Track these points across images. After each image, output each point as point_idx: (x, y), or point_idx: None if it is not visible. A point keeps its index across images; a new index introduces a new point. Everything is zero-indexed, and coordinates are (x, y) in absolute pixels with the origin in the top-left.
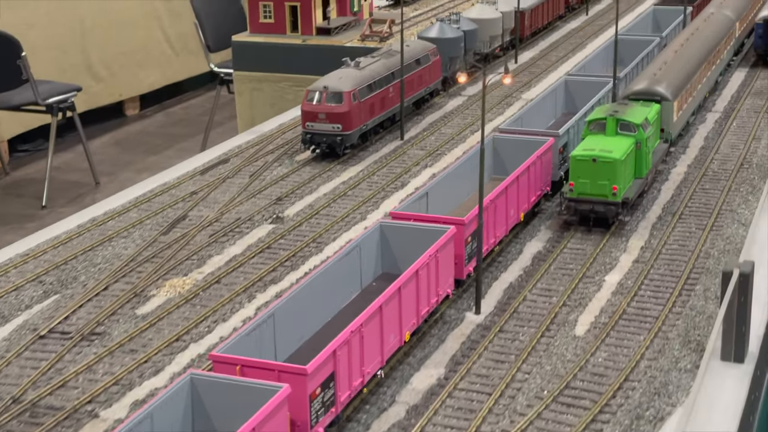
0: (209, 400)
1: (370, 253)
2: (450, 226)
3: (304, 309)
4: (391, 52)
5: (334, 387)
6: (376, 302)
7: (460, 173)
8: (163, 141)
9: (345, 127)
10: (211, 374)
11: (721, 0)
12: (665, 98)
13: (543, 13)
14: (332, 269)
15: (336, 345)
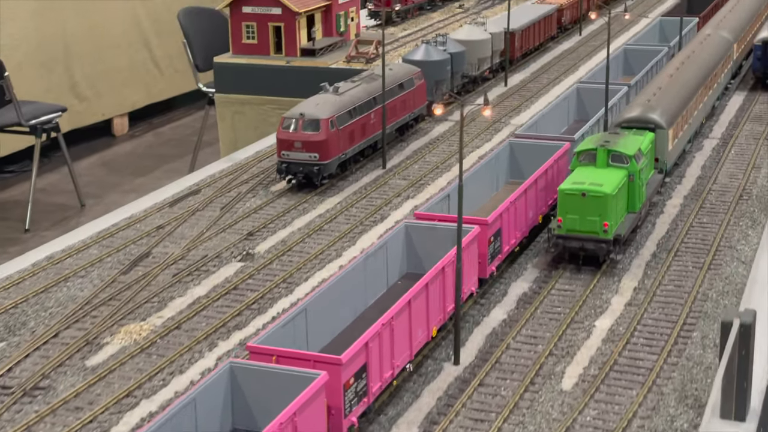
0: (248, 387)
1: (396, 252)
2: (474, 226)
3: (333, 305)
4: (372, 76)
5: (366, 378)
6: (405, 297)
7: (480, 176)
8: (152, 162)
9: (322, 157)
10: (250, 362)
11: (719, 21)
12: (660, 126)
13: (534, 34)
14: (359, 267)
15: (368, 337)
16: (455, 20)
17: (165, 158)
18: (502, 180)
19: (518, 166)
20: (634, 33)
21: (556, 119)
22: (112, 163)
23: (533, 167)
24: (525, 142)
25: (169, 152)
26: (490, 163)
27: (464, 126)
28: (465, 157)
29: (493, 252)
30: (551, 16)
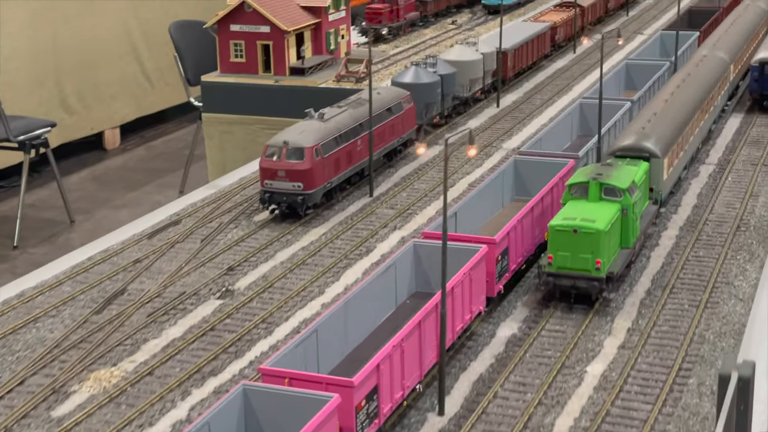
0: (261, 410)
1: (404, 271)
2: (482, 245)
3: (343, 325)
4: (359, 101)
5: (377, 399)
6: (415, 318)
7: (485, 193)
8: (143, 176)
9: (307, 186)
10: (263, 385)
11: (715, 40)
12: (654, 155)
13: (527, 53)
14: (369, 287)
15: (379, 359)
16: (447, 37)
17: (157, 172)
18: (508, 197)
19: (523, 183)
20: (635, 47)
21: (559, 135)
22: (103, 178)
23: (538, 184)
24: (530, 159)
25: (161, 166)
26: (495, 181)
27: (453, 152)
28: (455, 184)
29: (501, 270)
30: (544, 34)
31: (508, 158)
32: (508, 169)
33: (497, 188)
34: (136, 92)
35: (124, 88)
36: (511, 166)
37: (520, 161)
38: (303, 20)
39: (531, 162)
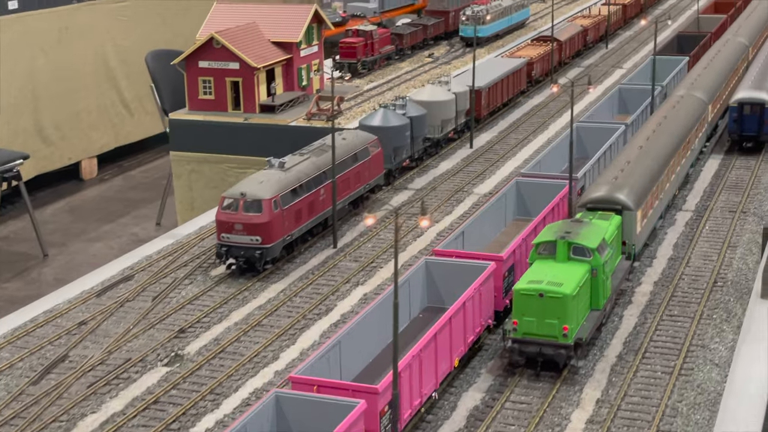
0: (292, 415)
1: (417, 287)
2: (491, 262)
3: (363, 337)
4: (323, 147)
5: (398, 405)
6: (432, 330)
7: (489, 214)
8: (120, 207)
9: (265, 240)
10: (293, 392)
11: (693, 80)
12: (627, 208)
13: (502, 90)
14: (385, 302)
15: (400, 368)
16: (424, 71)
17: (133, 203)
18: (510, 217)
19: (524, 204)
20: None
21: (558, 157)
22: (78, 209)
23: (539, 204)
24: (531, 180)
25: (138, 196)
26: (498, 202)
27: (425, 195)
28: (422, 234)
29: (507, 286)
30: (521, 70)
31: (479, 204)
32: (510, 191)
33: (500, 209)
34: (115, 121)
35: (102, 117)
36: (513, 187)
37: (521, 183)
38: (273, 56)
39: (532, 183)
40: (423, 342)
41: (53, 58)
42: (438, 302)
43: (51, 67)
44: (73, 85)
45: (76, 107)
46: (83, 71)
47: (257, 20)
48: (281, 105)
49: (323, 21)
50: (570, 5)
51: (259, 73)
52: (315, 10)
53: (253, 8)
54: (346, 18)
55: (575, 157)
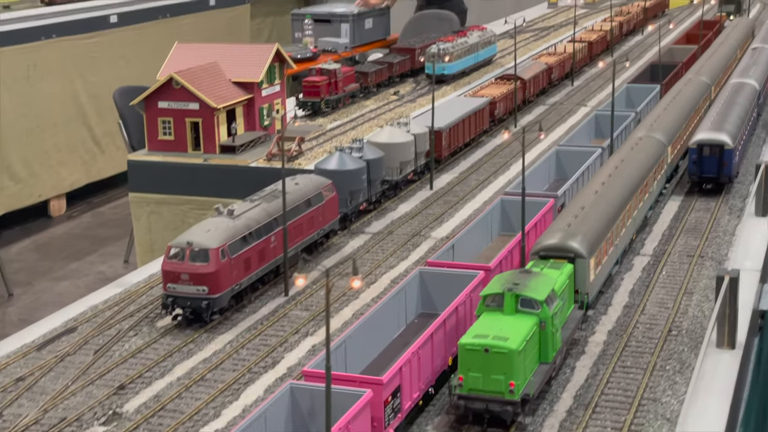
0: (305, 403)
1: (412, 295)
2: (479, 272)
3: (365, 337)
4: (275, 193)
5: (400, 397)
6: (428, 330)
7: (476, 229)
8: (88, 244)
9: (212, 290)
10: (307, 383)
11: (652, 121)
12: (580, 255)
13: (464, 130)
14: (384, 308)
15: (402, 363)
16: (388, 109)
17: (102, 241)
18: (495, 232)
19: (509, 220)
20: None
21: (539, 179)
22: (45, 247)
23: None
24: (515, 198)
25: (107, 234)
26: (485, 218)
27: (381, 240)
28: (377, 280)
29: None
30: (483, 110)
31: (436, 248)
32: (495, 208)
33: (487, 224)
34: (85, 158)
35: (72, 154)
36: (499, 205)
37: (506, 201)
38: (234, 96)
39: (515, 201)
40: (421, 341)
41: (21, 94)
42: (431, 308)
43: (19, 103)
44: (42, 121)
45: (46, 144)
46: (52, 107)
47: (218, 60)
48: (242, 145)
49: (285, 60)
50: (538, 42)
51: (220, 113)
52: (277, 49)
53: (215, 48)
54: (317, 53)
55: (555, 179)
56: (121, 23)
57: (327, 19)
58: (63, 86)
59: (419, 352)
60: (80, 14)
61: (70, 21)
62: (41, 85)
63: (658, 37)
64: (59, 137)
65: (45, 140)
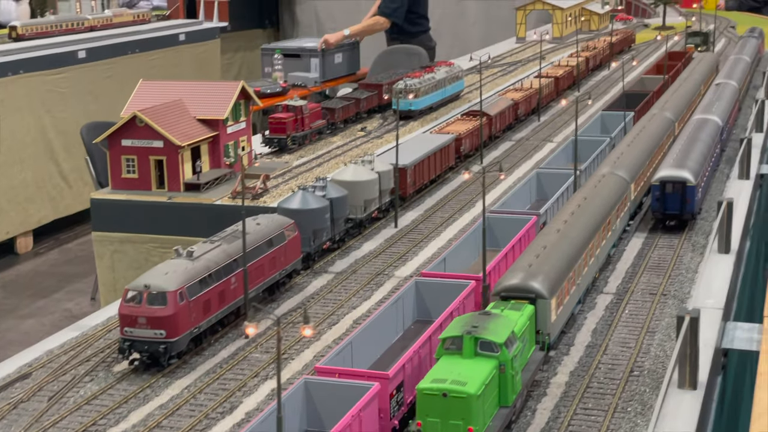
0: (318, 396)
1: (408, 303)
2: (471, 281)
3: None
4: (236, 234)
5: (403, 391)
6: (427, 333)
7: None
8: (55, 282)
9: (170, 334)
10: (320, 378)
11: (615, 158)
12: (541, 296)
13: (429, 167)
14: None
15: (404, 360)
16: (355, 145)
17: (69, 278)
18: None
19: (494, 236)
20: (569, 133)
21: (521, 199)
22: (12, 285)
23: (507, 236)
24: (499, 216)
25: (74, 270)
26: (473, 234)
27: (344, 279)
28: (339, 321)
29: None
30: (448, 147)
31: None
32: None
33: (475, 240)
34: (53, 194)
35: (40, 190)
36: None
37: (490, 218)
38: (199, 133)
39: (500, 218)
40: (420, 342)
41: None
42: (426, 316)
43: None
44: (9, 157)
45: (13, 180)
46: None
47: (183, 97)
48: (206, 183)
49: (251, 97)
50: (505, 76)
51: (184, 151)
52: (242, 86)
53: (179, 85)
54: (286, 88)
55: (536, 199)
56: (90, 59)
57: (297, 53)
58: (31, 122)
59: (420, 351)
60: (48, 50)
61: (37, 56)
62: (9, 120)
63: (622, 74)
64: (27, 173)
65: (13, 176)
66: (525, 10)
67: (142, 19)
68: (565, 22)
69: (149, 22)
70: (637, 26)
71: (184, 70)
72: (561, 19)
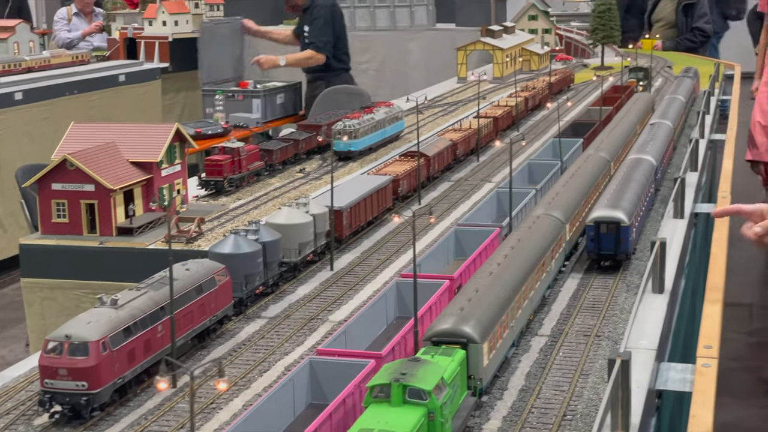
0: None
1: (391, 302)
2: (446, 281)
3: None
4: (163, 280)
5: None
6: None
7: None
8: None
9: (92, 385)
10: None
11: (550, 199)
12: (473, 341)
13: (365, 209)
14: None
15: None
16: (293, 187)
17: (3, 323)
18: (451, 257)
19: (462, 247)
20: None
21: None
22: None
23: (473, 246)
24: (467, 229)
25: (8, 316)
26: (442, 245)
27: (277, 325)
28: (270, 368)
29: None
30: (386, 188)
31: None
32: (450, 237)
33: (445, 250)
34: None
35: None
36: (453, 235)
37: (459, 231)
38: (132, 177)
39: (469, 231)
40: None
41: None
42: (407, 313)
43: None
44: None
45: None
46: None
47: (116, 140)
48: (140, 227)
49: (186, 139)
50: (446, 116)
51: (116, 194)
52: (177, 128)
53: (113, 128)
54: (228, 129)
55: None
56: (27, 100)
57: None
58: None
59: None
60: None
61: None
62: None
63: (557, 115)
64: None
65: None
66: (466, 50)
67: (81, 60)
68: (505, 62)
69: (88, 63)
70: (576, 66)
71: (124, 111)
72: (501, 59)
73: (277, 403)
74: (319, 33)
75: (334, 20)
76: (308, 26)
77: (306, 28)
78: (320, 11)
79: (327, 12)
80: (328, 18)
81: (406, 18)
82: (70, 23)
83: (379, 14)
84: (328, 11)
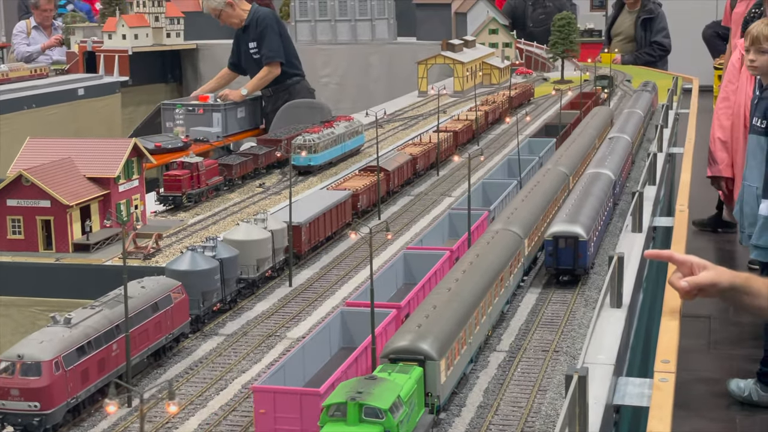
0: (351, 322)
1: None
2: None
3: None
4: (118, 298)
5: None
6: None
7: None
8: None
9: (45, 406)
10: (353, 307)
11: (509, 214)
12: (430, 358)
13: (324, 225)
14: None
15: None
16: (252, 202)
17: None
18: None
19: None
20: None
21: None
22: None
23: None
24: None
25: None
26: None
27: (235, 342)
28: (227, 386)
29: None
30: (345, 203)
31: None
32: (443, 222)
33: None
34: None
35: None
36: (446, 219)
37: (453, 214)
38: (88, 192)
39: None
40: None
41: None
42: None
43: None
44: None
45: None
46: None
47: (73, 155)
48: (96, 243)
49: (144, 154)
50: (406, 131)
51: (72, 210)
52: (134, 143)
53: (69, 143)
54: (188, 143)
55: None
56: None
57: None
58: None
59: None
60: None
61: None
62: None
63: (516, 130)
64: None
65: None
66: (426, 64)
67: (40, 73)
68: (465, 76)
69: (47, 77)
70: (536, 80)
71: (84, 125)
72: (461, 73)
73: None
74: (268, 43)
75: (279, 27)
76: (254, 42)
77: (251, 44)
78: (264, 22)
79: (271, 21)
80: (273, 26)
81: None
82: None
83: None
84: (271, 20)
